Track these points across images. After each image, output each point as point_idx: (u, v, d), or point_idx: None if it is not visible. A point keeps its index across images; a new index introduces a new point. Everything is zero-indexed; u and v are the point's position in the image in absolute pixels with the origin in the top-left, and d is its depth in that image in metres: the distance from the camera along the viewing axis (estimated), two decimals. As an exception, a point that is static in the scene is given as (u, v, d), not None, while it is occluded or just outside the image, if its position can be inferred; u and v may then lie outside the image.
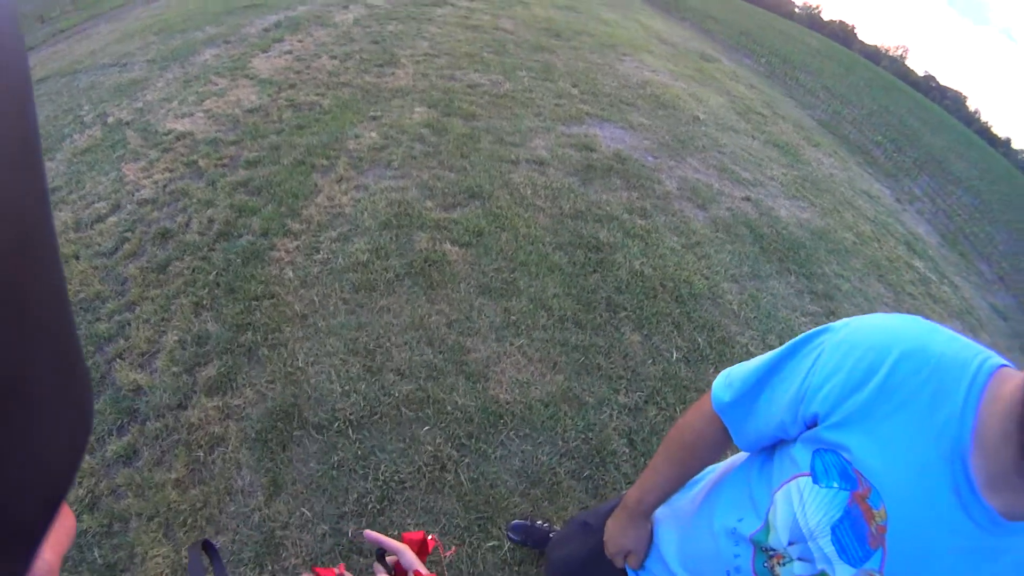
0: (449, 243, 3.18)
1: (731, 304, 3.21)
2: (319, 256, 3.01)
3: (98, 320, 2.63)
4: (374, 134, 4.30)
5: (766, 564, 0.79)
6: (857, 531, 0.67)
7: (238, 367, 2.40)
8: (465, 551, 1.87)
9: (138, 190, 3.54)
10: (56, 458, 0.23)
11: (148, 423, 2.19)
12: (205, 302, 2.70)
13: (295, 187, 3.55)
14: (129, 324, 2.61)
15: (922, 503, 0.63)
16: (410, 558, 0.71)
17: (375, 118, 4.59)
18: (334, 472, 2.04)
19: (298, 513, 1.92)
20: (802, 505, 0.72)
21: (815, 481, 0.71)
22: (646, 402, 2.49)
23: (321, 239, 3.13)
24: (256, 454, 2.08)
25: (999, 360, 0.64)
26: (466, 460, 2.13)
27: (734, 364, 0.89)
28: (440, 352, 2.53)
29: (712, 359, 2.79)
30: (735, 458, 0.98)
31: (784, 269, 3.77)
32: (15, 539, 0.21)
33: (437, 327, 2.65)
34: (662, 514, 1.06)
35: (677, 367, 2.69)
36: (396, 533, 0.75)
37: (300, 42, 6.37)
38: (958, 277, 6.08)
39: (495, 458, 2.15)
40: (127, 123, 4.45)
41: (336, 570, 0.71)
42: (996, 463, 0.59)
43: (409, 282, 2.88)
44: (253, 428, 2.16)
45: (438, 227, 3.30)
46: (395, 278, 2.89)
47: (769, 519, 0.78)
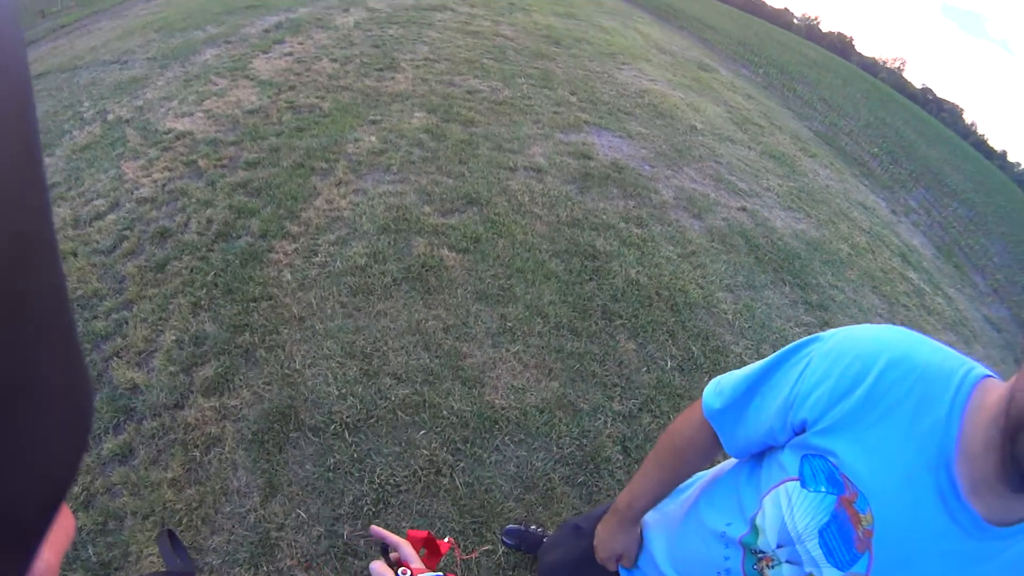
0: (447, 249, 3.19)
1: (726, 314, 3.24)
2: (317, 259, 3.02)
3: (95, 318, 2.63)
4: (373, 138, 4.32)
5: (755, 567, 0.81)
6: (844, 535, 0.68)
7: (235, 368, 2.41)
8: (459, 555, 1.89)
9: (137, 188, 3.55)
10: (56, 458, 0.23)
11: (144, 422, 2.19)
12: (203, 302, 2.71)
13: (294, 189, 3.56)
14: (127, 322, 2.61)
15: (908, 508, 0.64)
16: (408, 552, 0.73)
17: (375, 122, 4.62)
18: (330, 474, 2.04)
19: (294, 514, 1.93)
20: (790, 509, 0.74)
21: (803, 485, 0.73)
22: (640, 410, 2.51)
23: (319, 242, 3.15)
24: (252, 455, 2.09)
25: (983, 371, 0.66)
26: (461, 464, 2.14)
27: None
28: (436, 357, 2.55)
29: (706, 368, 2.81)
30: (724, 464, 0.99)
31: (779, 279, 3.80)
32: (15, 539, 0.21)
33: (434, 332, 2.67)
34: (652, 518, 1.07)
35: (671, 375, 2.71)
36: (402, 532, 0.77)
37: (301, 44, 6.40)
38: (952, 289, 6.13)
39: (490, 463, 2.17)
40: (127, 121, 4.46)
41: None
42: (980, 470, 0.61)
43: (406, 287, 2.90)
44: (250, 429, 2.17)
45: (436, 232, 3.32)
46: (392, 283, 2.91)
47: (756, 523, 0.79)
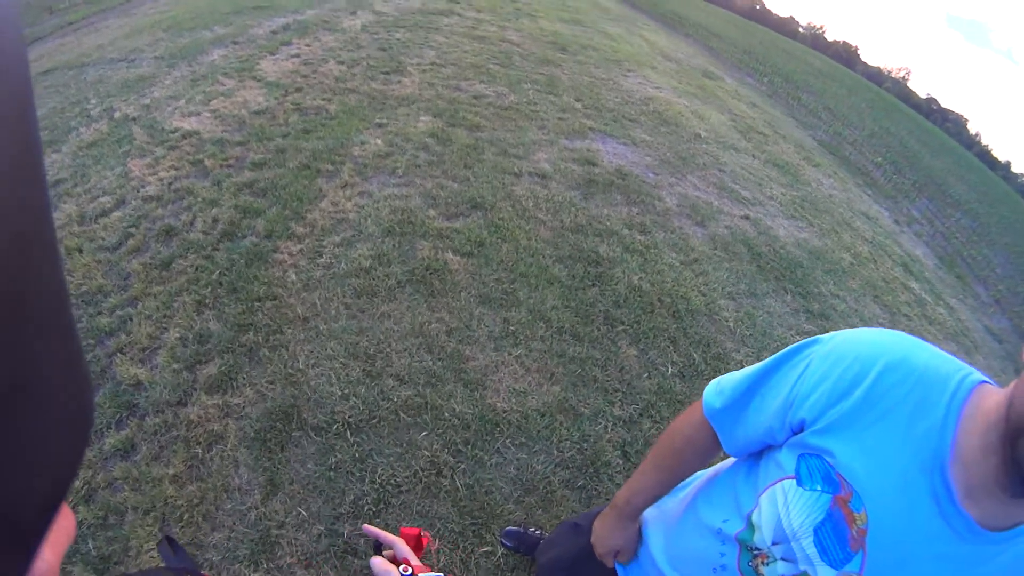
0: (451, 252, 3.21)
1: (727, 321, 3.25)
2: (322, 260, 3.04)
3: (100, 314, 2.65)
4: (379, 141, 4.34)
5: (751, 563, 0.81)
6: (838, 533, 0.69)
7: (239, 366, 2.42)
8: (459, 555, 1.89)
9: (143, 186, 3.57)
10: (56, 458, 0.23)
11: (147, 418, 2.21)
12: (207, 301, 2.73)
13: (300, 191, 3.58)
14: (131, 319, 2.63)
15: (902, 509, 0.65)
16: (403, 549, 0.75)
17: (380, 125, 4.64)
18: (331, 473, 2.05)
19: (294, 513, 1.93)
20: (786, 507, 0.74)
21: (799, 484, 0.73)
22: (640, 415, 2.52)
23: (324, 243, 3.16)
24: (254, 453, 2.10)
25: (979, 376, 0.67)
26: (462, 466, 2.15)
27: None
28: (439, 359, 2.56)
29: (707, 375, 2.82)
30: (723, 463, 1.00)
31: (781, 288, 3.81)
32: (15, 539, 0.21)
33: (437, 334, 2.68)
34: (650, 514, 1.08)
35: (672, 382, 2.72)
36: (395, 529, 0.78)
37: (308, 46, 6.44)
38: (954, 299, 6.13)
39: (491, 465, 2.18)
40: (134, 119, 4.48)
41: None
42: (975, 474, 0.62)
43: (410, 289, 2.91)
44: (252, 427, 2.18)
45: (440, 236, 3.33)
46: (396, 285, 2.92)
47: (752, 520, 0.80)
